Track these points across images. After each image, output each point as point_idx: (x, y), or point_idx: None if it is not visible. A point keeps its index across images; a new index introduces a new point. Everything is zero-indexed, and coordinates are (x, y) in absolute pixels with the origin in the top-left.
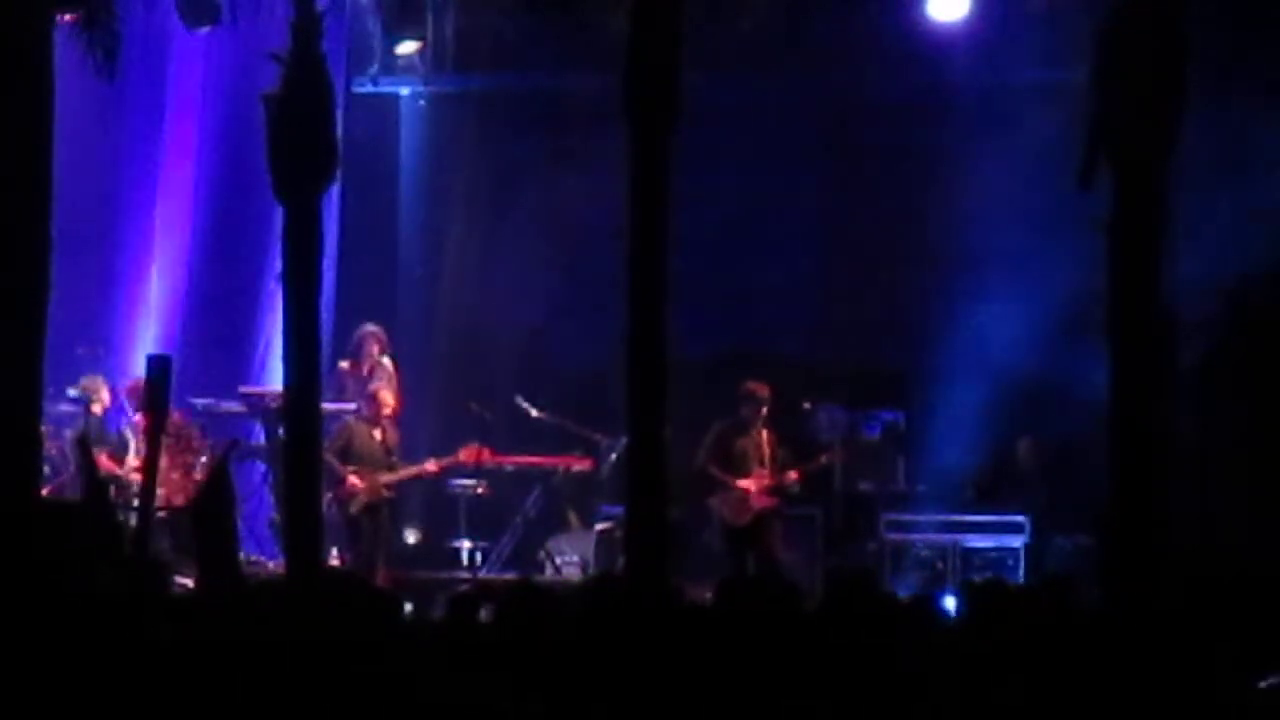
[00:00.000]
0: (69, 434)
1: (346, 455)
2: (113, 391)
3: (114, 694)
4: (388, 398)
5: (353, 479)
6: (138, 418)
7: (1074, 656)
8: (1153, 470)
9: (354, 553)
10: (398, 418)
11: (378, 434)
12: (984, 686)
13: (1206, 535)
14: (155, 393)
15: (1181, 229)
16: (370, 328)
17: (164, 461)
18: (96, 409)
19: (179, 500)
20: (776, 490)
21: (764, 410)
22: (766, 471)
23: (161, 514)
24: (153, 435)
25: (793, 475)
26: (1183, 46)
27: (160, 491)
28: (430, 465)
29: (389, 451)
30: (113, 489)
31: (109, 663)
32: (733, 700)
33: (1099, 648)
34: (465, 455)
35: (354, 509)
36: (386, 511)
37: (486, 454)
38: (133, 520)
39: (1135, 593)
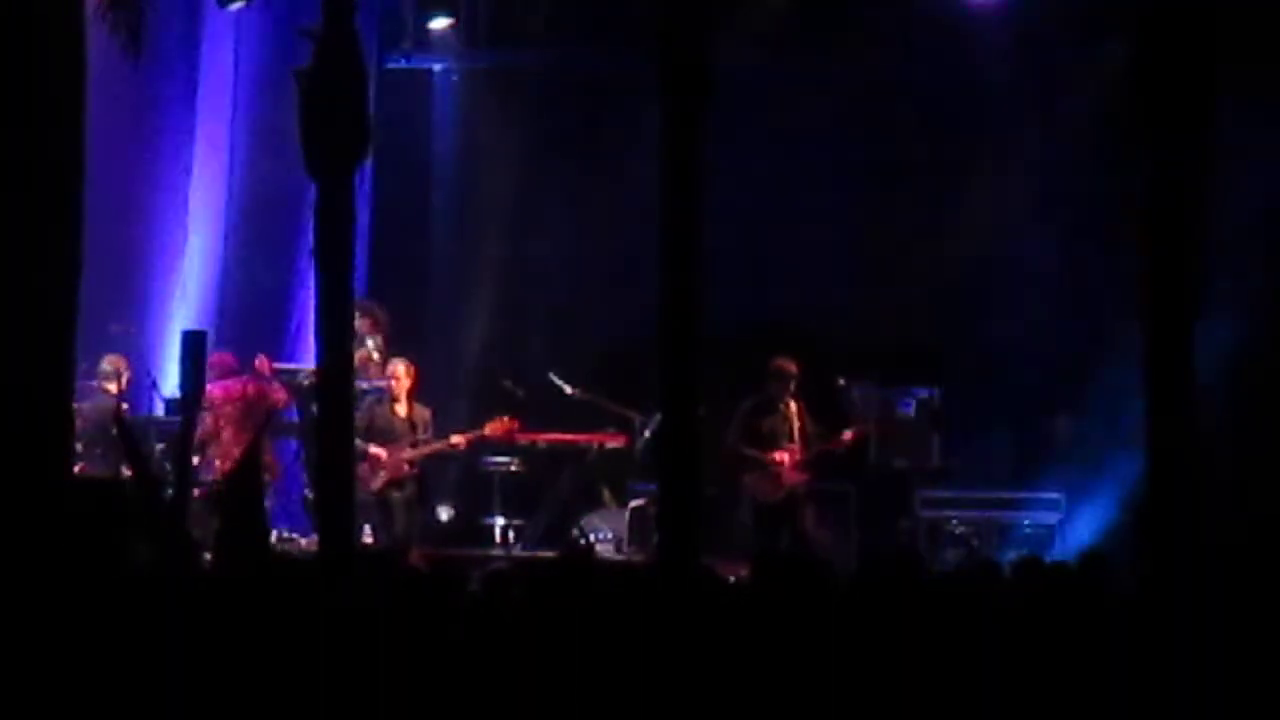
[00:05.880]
0: (87, 409)
1: (369, 434)
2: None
3: (147, 669)
4: (400, 374)
5: (376, 451)
6: (215, 389)
7: (1107, 634)
8: (1188, 449)
9: (385, 530)
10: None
11: (401, 410)
12: (1019, 664)
13: (1240, 513)
14: (191, 368)
15: (1217, 208)
16: (359, 300)
17: (227, 434)
18: (112, 387)
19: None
20: (809, 464)
21: (792, 386)
22: (797, 447)
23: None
24: (188, 411)
25: (847, 436)
26: (1215, 24)
27: (218, 465)
28: (456, 440)
29: (414, 428)
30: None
31: (142, 639)
32: (767, 677)
33: (1132, 626)
34: (491, 429)
35: (376, 485)
36: (414, 488)
37: (515, 426)
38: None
39: (1167, 572)
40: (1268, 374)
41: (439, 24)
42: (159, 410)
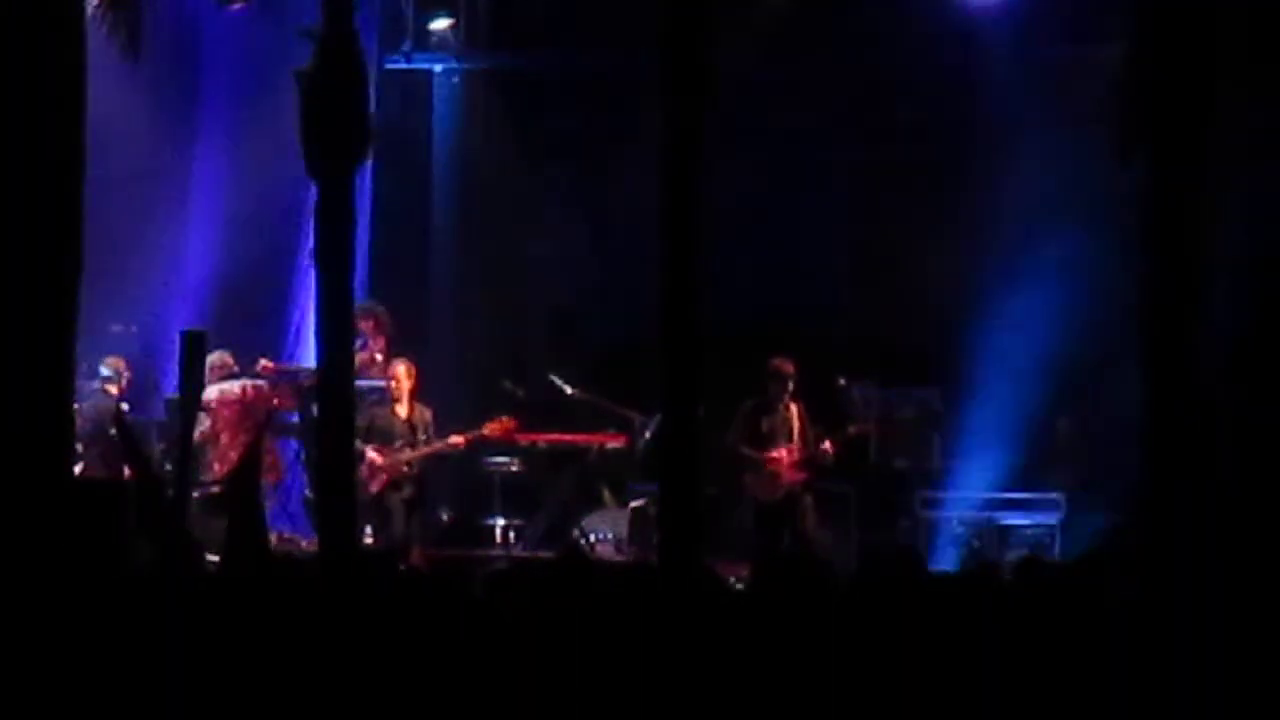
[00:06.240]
0: (86, 409)
1: (368, 435)
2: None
3: (148, 669)
4: (400, 375)
5: (373, 455)
6: (212, 391)
7: (1108, 635)
8: (1189, 449)
9: (386, 532)
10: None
11: (402, 411)
12: (1019, 664)
13: (1241, 513)
14: (190, 368)
15: (1220, 201)
16: (363, 303)
17: (225, 438)
18: (112, 388)
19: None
20: (808, 463)
21: (789, 386)
22: (796, 447)
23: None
24: (187, 411)
25: (826, 446)
26: (1215, 24)
27: (215, 468)
28: (455, 440)
29: (414, 429)
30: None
31: (143, 639)
32: (768, 678)
33: (1132, 626)
34: (491, 429)
35: (375, 486)
36: (414, 489)
37: (515, 426)
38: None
39: (1167, 572)
40: (1268, 373)
41: (439, 24)
42: (159, 411)
